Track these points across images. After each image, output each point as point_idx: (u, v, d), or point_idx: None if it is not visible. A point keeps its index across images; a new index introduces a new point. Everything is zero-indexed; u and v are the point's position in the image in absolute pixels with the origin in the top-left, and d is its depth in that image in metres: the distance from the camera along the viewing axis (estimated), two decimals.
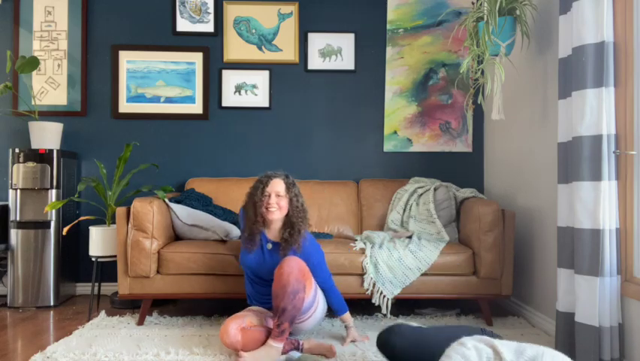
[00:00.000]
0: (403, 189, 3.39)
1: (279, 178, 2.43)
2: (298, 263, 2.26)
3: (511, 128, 3.21)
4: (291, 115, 3.69)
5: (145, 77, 3.64)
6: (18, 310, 3.15)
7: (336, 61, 3.69)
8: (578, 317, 2.13)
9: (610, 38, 2.08)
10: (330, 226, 3.35)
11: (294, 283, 2.19)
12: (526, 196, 3.01)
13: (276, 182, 2.41)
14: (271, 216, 2.38)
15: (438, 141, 3.70)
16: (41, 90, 3.62)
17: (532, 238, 2.92)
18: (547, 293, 2.73)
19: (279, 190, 2.39)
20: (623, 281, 2.10)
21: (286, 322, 2.19)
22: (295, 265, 2.23)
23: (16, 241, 3.23)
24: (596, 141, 2.09)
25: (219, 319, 2.88)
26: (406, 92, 3.70)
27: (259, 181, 2.44)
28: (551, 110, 2.67)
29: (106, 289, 3.52)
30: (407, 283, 2.73)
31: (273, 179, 2.42)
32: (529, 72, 2.95)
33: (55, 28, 3.64)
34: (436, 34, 3.70)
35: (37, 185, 3.23)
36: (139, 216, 2.73)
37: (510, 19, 2.71)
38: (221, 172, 3.66)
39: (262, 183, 2.42)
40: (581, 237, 2.12)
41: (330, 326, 2.76)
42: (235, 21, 3.68)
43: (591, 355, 2.06)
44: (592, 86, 2.10)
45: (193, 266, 2.73)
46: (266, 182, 2.41)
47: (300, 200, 2.43)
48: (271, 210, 2.37)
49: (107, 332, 2.63)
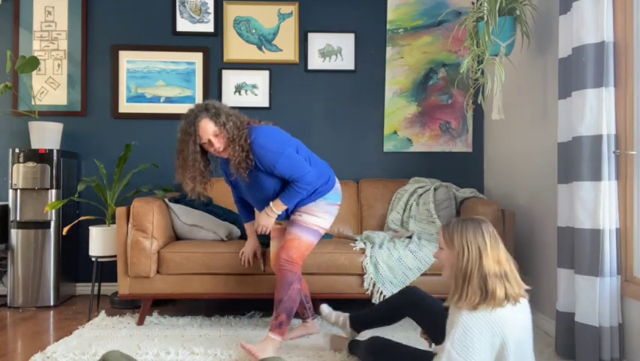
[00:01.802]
0: (403, 189, 3.39)
1: (204, 119, 2.19)
2: (291, 251, 2.27)
3: (511, 128, 3.21)
4: (291, 115, 3.69)
5: (145, 77, 3.64)
6: (18, 310, 3.15)
7: (336, 61, 3.69)
8: (578, 317, 2.13)
9: (610, 38, 2.08)
10: (330, 226, 3.34)
11: (287, 275, 2.24)
12: (526, 196, 3.01)
13: (204, 125, 2.19)
14: (215, 153, 2.26)
15: (438, 141, 3.70)
16: (41, 90, 3.62)
17: (532, 238, 2.92)
18: (547, 293, 2.73)
19: (210, 133, 2.20)
20: (623, 281, 2.10)
21: (283, 313, 2.23)
22: (288, 255, 2.26)
23: (16, 241, 3.23)
24: (596, 141, 2.09)
25: (219, 319, 2.88)
26: (406, 92, 3.70)
27: (186, 133, 2.21)
28: (551, 110, 2.67)
29: (106, 289, 3.52)
30: (407, 283, 2.73)
31: (199, 124, 2.19)
32: (529, 72, 2.95)
33: (55, 28, 3.64)
34: (436, 34, 3.70)
35: (37, 185, 3.23)
36: (139, 216, 2.73)
37: (510, 19, 2.71)
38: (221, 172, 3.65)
39: (191, 134, 2.20)
40: (581, 237, 2.12)
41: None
42: (235, 21, 3.68)
43: (591, 355, 2.06)
44: (592, 86, 2.10)
45: (193, 266, 2.73)
46: (194, 130, 2.19)
47: (230, 122, 2.21)
48: (217, 149, 2.23)
49: (107, 332, 2.63)
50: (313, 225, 2.35)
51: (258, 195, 2.37)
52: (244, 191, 2.41)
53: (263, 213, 2.35)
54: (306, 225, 2.34)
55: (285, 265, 2.26)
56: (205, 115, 2.20)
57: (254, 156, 2.21)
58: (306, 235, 2.33)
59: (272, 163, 2.22)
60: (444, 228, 1.64)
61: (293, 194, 2.29)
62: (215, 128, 2.20)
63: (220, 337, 2.56)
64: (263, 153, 2.22)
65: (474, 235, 1.55)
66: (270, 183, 2.30)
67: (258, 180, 2.30)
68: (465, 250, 1.53)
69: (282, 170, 2.24)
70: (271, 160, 2.22)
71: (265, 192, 2.33)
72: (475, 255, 1.53)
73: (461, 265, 1.53)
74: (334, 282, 2.77)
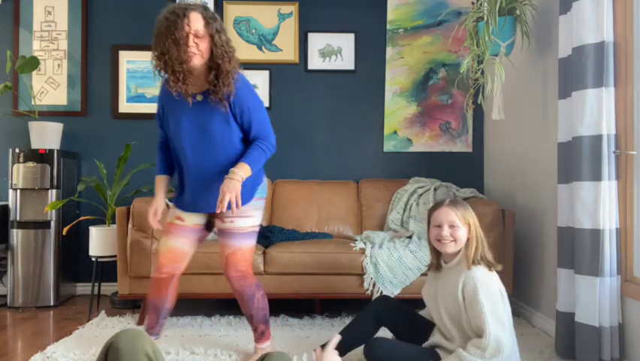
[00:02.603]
0: (403, 189, 3.39)
1: (196, 11, 1.88)
2: (239, 265, 2.09)
3: (511, 128, 3.21)
4: (291, 115, 3.69)
5: (145, 77, 3.64)
6: (18, 310, 3.15)
7: (336, 61, 3.69)
8: (578, 317, 2.13)
9: (610, 38, 2.08)
10: (330, 226, 3.35)
11: (245, 290, 2.13)
12: (526, 196, 3.01)
13: (195, 17, 1.86)
14: (192, 60, 1.89)
15: (438, 141, 3.70)
16: (41, 90, 3.62)
17: (532, 238, 2.92)
18: (547, 293, 2.73)
19: (198, 28, 1.86)
20: (623, 281, 2.10)
21: (260, 324, 2.18)
22: (237, 271, 2.09)
23: (16, 241, 3.22)
24: (596, 141, 2.09)
25: (219, 319, 2.88)
26: (406, 92, 3.70)
27: (173, 14, 1.86)
28: (551, 110, 2.67)
29: (106, 289, 3.52)
30: (407, 283, 2.73)
31: (191, 12, 1.86)
32: (529, 72, 2.95)
33: (55, 28, 3.63)
34: (436, 34, 3.70)
35: (37, 185, 3.23)
36: (139, 216, 2.73)
37: (510, 19, 2.71)
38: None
39: (178, 15, 1.85)
40: (581, 237, 2.13)
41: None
42: (235, 21, 3.67)
43: (591, 355, 2.06)
44: (592, 86, 2.10)
45: (193, 266, 2.73)
46: (183, 15, 1.85)
47: (222, 37, 1.93)
48: (189, 53, 1.87)
49: (107, 332, 2.63)
50: (249, 228, 2.10)
51: (203, 149, 2.01)
52: (184, 140, 2.02)
53: (226, 179, 1.93)
54: (241, 231, 2.09)
55: (239, 282, 2.12)
56: (200, 10, 1.89)
57: (234, 95, 1.95)
58: (246, 242, 2.11)
59: (252, 108, 2.00)
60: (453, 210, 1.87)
61: (259, 154, 2.01)
62: (203, 27, 1.88)
63: (220, 337, 2.56)
64: (248, 95, 2.00)
65: (469, 209, 1.92)
66: (225, 135, 1.99)
67: (214, 128, 1.98)
68: (473, 221, 1.88)
69: (257, 120, 2.02)
70: (253, 104, 2.01)
71: (215, 147, 2.00)
72: (478, 224, 1.89)
73: (475, 234, 1.86)
74: (334, 282, 2.77)
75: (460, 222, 1.86)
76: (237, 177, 1.92)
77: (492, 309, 1.73)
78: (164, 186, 2.19)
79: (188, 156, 2.03)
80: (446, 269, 1.93)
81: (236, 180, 1.92)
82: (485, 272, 1.81)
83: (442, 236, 1.86)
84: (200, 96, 2.00)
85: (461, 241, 1.86)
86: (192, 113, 2.00)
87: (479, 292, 1.74)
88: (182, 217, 2.12)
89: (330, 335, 2.59)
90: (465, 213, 1.88)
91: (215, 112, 1.98)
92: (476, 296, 1.74)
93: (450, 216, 1.86)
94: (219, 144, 2.00)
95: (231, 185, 1.90)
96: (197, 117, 1.99)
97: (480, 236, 1.87)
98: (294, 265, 2.76)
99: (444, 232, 1.86)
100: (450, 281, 1.87)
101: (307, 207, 3.38)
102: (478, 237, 1.86)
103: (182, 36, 1.85)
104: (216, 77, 1.93)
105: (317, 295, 2.81)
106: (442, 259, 1.95)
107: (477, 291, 1.75)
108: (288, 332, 2.65)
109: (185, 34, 1.85)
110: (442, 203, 1.93)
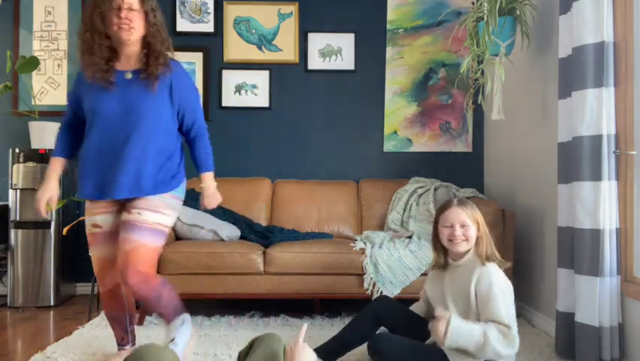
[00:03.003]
0: (403, 189, 3.39)
1: None
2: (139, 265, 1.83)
3: (511, 128, 3.21)
4: (291, 115, 3.69)
5: None
6: (18, 310, 3.15)
7: (336, 61, 3.68)
8: (578, 317, 2.13)
9: (610, 38, 2.08)
10: (330, 226, 3.35)
11: (150, 294, 1.87)
12: (526, 196, 3.01)
13: None
14: (125, 35, 1.81)
15: (438, 141, 3.70)
16: (41, 90, 3.62)
17: (532, 238, 2.92)
18: (547, 293, 2.73)
19: (132, 2, 1.80)
20: (623, 281, 2.10)
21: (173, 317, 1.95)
22: (138, 274, 1.82)
23: (16, 241, 3.22)
24: (596, 141, 2.09)
25: (219, 319, 2.88)
26: (406, 92, 3.70)
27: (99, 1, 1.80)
28: (551, 110, 2.67)
29: None
30: (407, 283, 2.73)
31: None
32: (529, 72, 2.95)
33: (55, 28, 3.64)
34: (436, 34, 3.70)
35: (37, 185, 3.22)
36: None
37: (510, 19, 2.71)
38: (221, 172, 3.64)
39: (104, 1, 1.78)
40: (581, 237, 2.13)
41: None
42: (235, 21, 3.67)
43: (591, 355, 2.06)
44: (592, 86, 2.10)
45: (193, 266, 2.73)
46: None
47: (158, 17, 1.89)
48: (122, 26, 1.79)
49: (107, 332, 2.62)
50: (157, 225, 1.87)
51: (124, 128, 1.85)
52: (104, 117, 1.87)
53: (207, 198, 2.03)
54: (149, 225, 1.84)
55: (140, 288, 1.83)
56: None
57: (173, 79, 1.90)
58: (151, 239, 1.85)
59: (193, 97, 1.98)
60: (463, 209, 1.90)
61: (207, 150, 2.05)
62: (139, 5, 1.82)
63: (220, 337, 2.56)
64: (188, 82, 1.98)
65: (476, 208, 1.94)
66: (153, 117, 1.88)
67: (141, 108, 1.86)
68: (481, 220, 1.91)
69: (196, 108, 1.98)
70: (194, 93, 1.99)
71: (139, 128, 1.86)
72: (484, 222, 1.92)
73: (484, 232, 1.90)
74: (334, 282, 2.77)
75: (470, 222, 1.89)
76: (213, 187, 2.05)
77: (507, 304, 1.78)
78: (60, 169, 2.04)
79: (107, 135, 1.87)
80: (454, 267, 1.95)
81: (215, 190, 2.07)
82: (497, 269, 1.86)
83: (455, 236, 1.88)
84: (130, 74, 1.89)
85: (472, 240, 1.89)
86: (118, 91, 1.87)
87: (496, 288, 1.78)
88: (98, 224, 1.97)
89: (330, 334, 2.59)
90: (473, 212, 1.91)
91: (145, 93, 1.87)
92: (493, 290, 1.78)
93: (460, 216, 1.89)
94: (145, 124, 1.87)
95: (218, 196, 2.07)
96: (123, 96, 1.86)
97: (488, 233, 1.92)
98: (294, 265, 2.76)
99: (456, 231, 1.88)
100: (460, 277, 1.90)
101: (307, 207, 3.38)
102: (486, 234, 1.91)
103: (113, 8, 1.79)
104: (147, 55, 1.87)
105: (317, 295, 2.81)
106: (450, 257, 1.98)
107: (493, 286, 1.78)
108: (288, 331, 2.65)
109: (117, 6, 1.79)
110: (450, 203, 1.94)
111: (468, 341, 1.72)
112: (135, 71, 1.89)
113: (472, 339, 1.72)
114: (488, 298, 1.77)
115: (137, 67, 1.89)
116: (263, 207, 3.41)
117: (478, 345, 1.71)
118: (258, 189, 3.45)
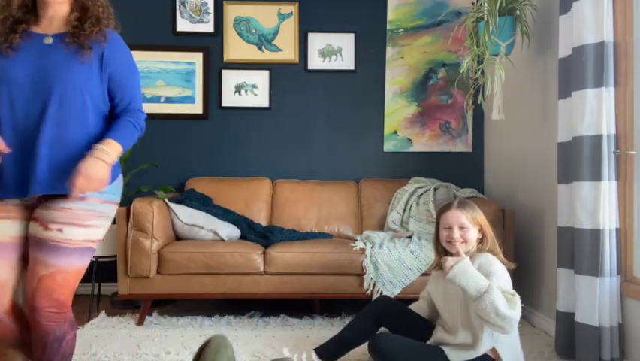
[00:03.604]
0: (403, 189, 3.39)
1: None
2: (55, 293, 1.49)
3: (511, 128, 3.21)
4: (291, 115, 3.69)
5: (145, 77, 3.63)
6: None
7: (336, 61, 3.68)
8: (578, 317, 2.13)
9: (610, 38, 2.08)
10: (330, 226, 3.35)
11: (55, 329, 1.51)
12: (526, 196, 3.01)
13: None
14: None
15: (438, 141, 3.70)
16: None
17: (532, 238, 2.92)
18: (547, 293, 2.73)
19: None
20: (623, 281, 2.11)
21: None
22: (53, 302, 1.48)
23: None
24: (596, 141, 2.09)
25: (219, 319, 2.88)
26: (406, 92, 3.70)
27: None
28: (551, 110, 2.67)
29: (106, 289, 3.52)
30: (407, 283, 2.73)
31: None
32: (529, 72, 2.95)
33: None
34: (436, 34, 3.70)
35: None
36: (139, 216, 2.73)
37: (510, 19, 2.71)
38: (221, 172, 3.66)
39: None
40: (581, 237, 2.13)
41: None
42: (235, 21, 3.67)
43: (591, 355, 2.06)
44: (592, 86, 2.10)
45: (193, 266, 2.73)
46: None
47: None
48: None
49: (107, 332, 2.63)
50: (83, 242, 1.51)
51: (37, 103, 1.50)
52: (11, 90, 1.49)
53: (92, 158, 1.45)
54: (73, 246, 1.49)
55: (49, 318, 1.48)
56: None
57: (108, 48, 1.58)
58: (74, 262, 1.51)
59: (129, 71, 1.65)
60: (463, 211, 1.90)
61: (129, 129, 1.62)
62: None
63: None
64: (126, 53, 1.66)
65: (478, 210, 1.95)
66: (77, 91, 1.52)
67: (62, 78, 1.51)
68: (484, 221, 1.92)
69: (132, 85, 1.66)
70: (131, 67, 1.66)
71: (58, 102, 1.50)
72: (487, 223, 1.94)
73: (488, 233, 1.91)
74: (334, 282, 2.77)
75: (469, 224, 1.89)
76: (107, 159, 1.48)
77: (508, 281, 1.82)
78: None
79: (14, 112, 1.49)
80: None
81: (105, 163, 1.47)
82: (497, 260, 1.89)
83: (453, 238, 1.89)
84: (50, 39, 1.54)
85: (472, 242, 1.90)
86: (31, 58, 1.51)
87: (497, 266, 1.82)
88: None
89: (330, 334, 2.59)
90: (474, 213, 1.91)
91: (68, 60, 1.53)
92: (494, 267, 1.81)
93: (459, 218, 1.89)
94: (64, 98, 1.51)
95: (97, 168, 1.44)
96: (39, 63, 1.51)
97: (492, 235, 1.93)
98: (294, 265, 2.76)
99: (454, 234, 1.89)
100: None
101: (307, 207, 3.38)
102: (491, 236, 1.92)
103: None
104: (79, 19, 1.56)
105: (317, 295, 2.81)
106: None
107: (494, 265, 1.82)
108: (288, 332, 2.65)
109: None
110: (450, 205, 1.95)
111: (470, 283, 1.72)
112: (58, 35, 1.55)
113: (475, 284, 1.71)
114: (489, 273, 1.78)
115: (64, 30, 1.56)
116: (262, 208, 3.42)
117: (479, 292, 1.69)
118: (258, 189, 3.45)
